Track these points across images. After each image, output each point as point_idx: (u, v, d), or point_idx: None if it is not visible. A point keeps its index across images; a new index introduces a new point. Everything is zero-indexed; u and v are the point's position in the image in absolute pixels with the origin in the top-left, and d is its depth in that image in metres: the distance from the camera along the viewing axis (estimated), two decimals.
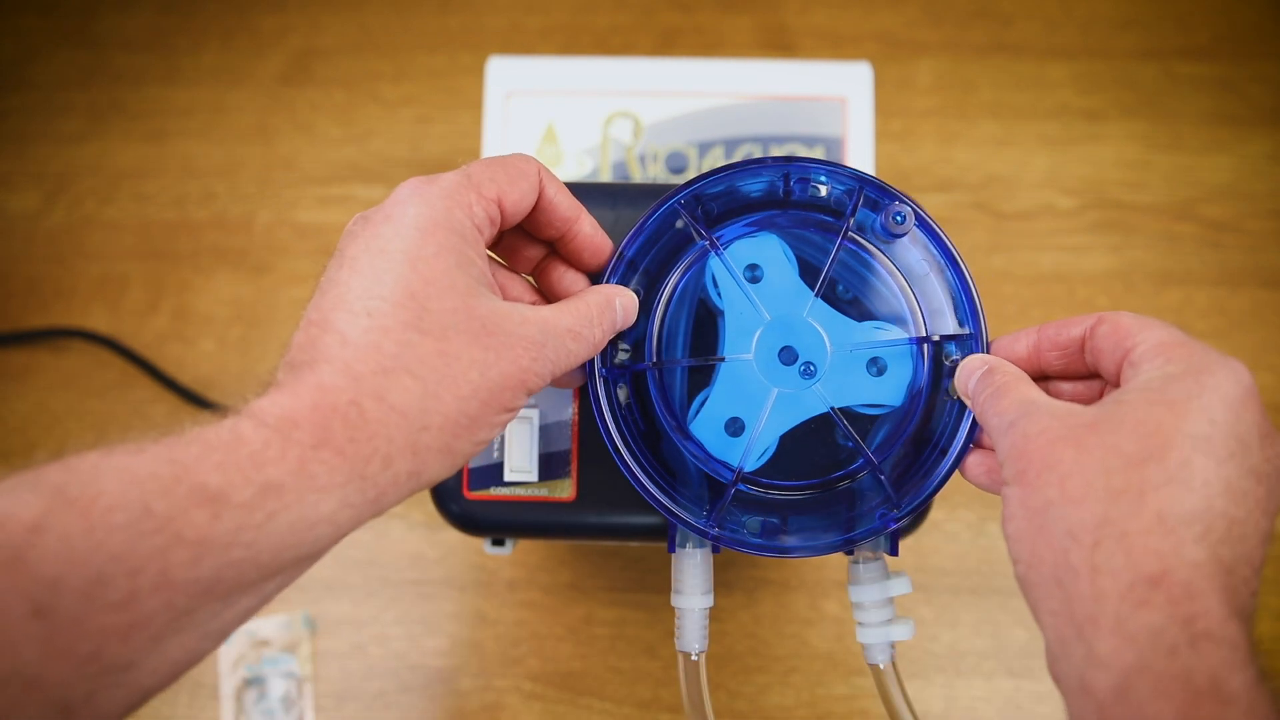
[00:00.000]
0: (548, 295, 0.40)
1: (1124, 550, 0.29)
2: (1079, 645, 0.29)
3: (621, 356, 0.40)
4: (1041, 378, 0.38)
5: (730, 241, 0.40)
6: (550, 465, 0.45)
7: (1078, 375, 0.37)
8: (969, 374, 0.37)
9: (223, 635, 0.29)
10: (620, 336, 0.40)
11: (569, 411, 0.44)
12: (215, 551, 0.27)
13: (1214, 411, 0.31)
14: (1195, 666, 0.27)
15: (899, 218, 0.39)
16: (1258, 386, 0.33)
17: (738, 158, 0.61)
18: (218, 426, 0.28)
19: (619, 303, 0.38)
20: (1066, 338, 0.36)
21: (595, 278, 0.40)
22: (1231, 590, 0.28)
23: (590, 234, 0.39)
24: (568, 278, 0.40)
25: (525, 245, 0.40)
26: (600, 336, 0.37)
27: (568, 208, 0.38)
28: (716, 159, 0.61)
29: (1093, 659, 0.29)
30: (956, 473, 0.39)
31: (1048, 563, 0.30)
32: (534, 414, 0.44)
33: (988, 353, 0.39)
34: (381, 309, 0.31)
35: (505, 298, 0.37)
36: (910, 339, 0.40)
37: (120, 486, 0.26)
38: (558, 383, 0.39)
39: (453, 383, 0.31)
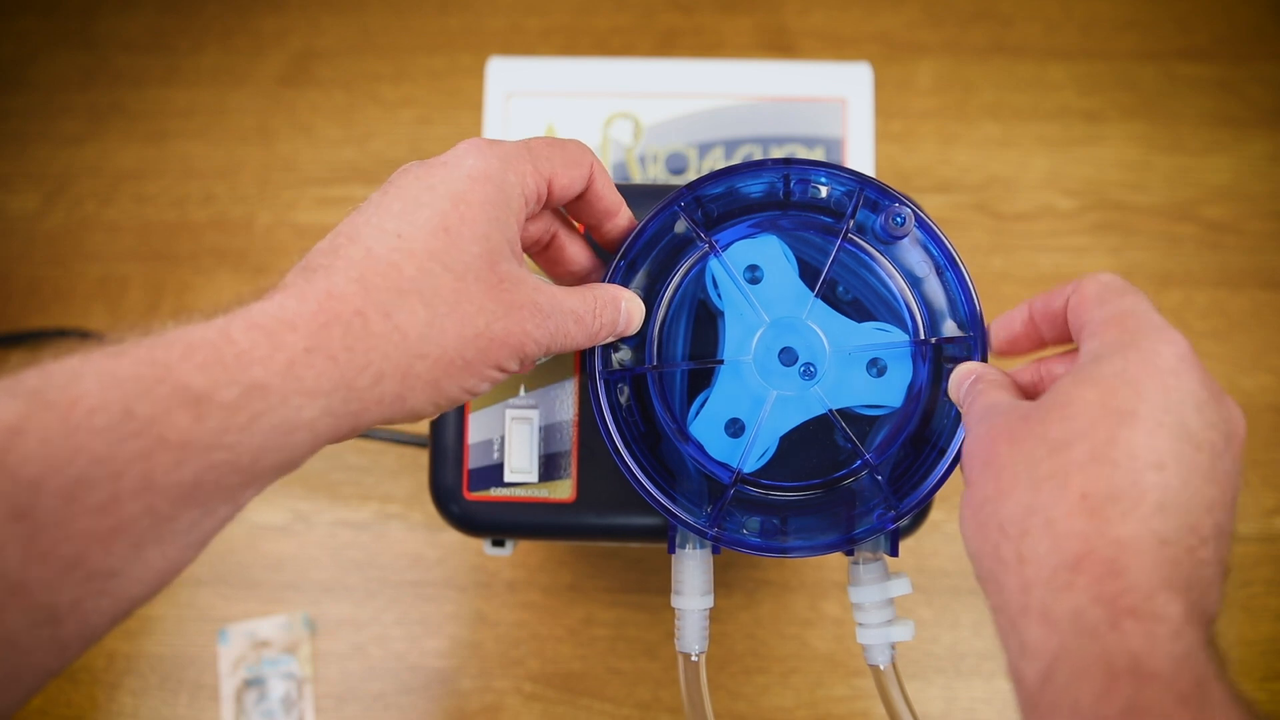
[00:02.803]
0: (551, 266, 0.41)
1: (1049, 536, 0.28)
2: (1013, 637, 0.29)
3: (622, 358, 0.40)
4: (1043, 346, 0.38)
5: (730, 243, 0.40)
6: (550, 466, 0.45)
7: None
8: (959, 383, 0.38)
9: (201, 545, 0.29)
10: (621, 339, 0.40)
11: (569, 412, 0.44)
12: (198, 454, 0.27)
13: (1140, 384, 0.30)
14: (1115, 646, 0.26)
15: (899, 219, 0.39)
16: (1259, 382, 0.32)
17: (738, 159, 0.61)
18: (205, 326, 0.28)
19: (624, 305, 0.38)
20: (1054, 310, 0.36)
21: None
22: (1169, 562, 0.28)
23: (626, 230, 0.40)
24: (576, 253, 0.41)
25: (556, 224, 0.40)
26: (599, 329, 0.37)
27: (611, 202, 0.39)
28: (716, 160, 0.61)
29: (1024, 650, 0.28)
30: (955, 474, 0.39)
31: (986, 558, 0.30)
32: (534, 414, 0.44)
33: (987, 343, 0.39)
34: (413, 233, 0.31)
35: None
36: (910, 340, 0.40)
37: (100, 388, 0.26)
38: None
39: (459, 321, 0.32)
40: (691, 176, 0.60)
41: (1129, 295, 0.33)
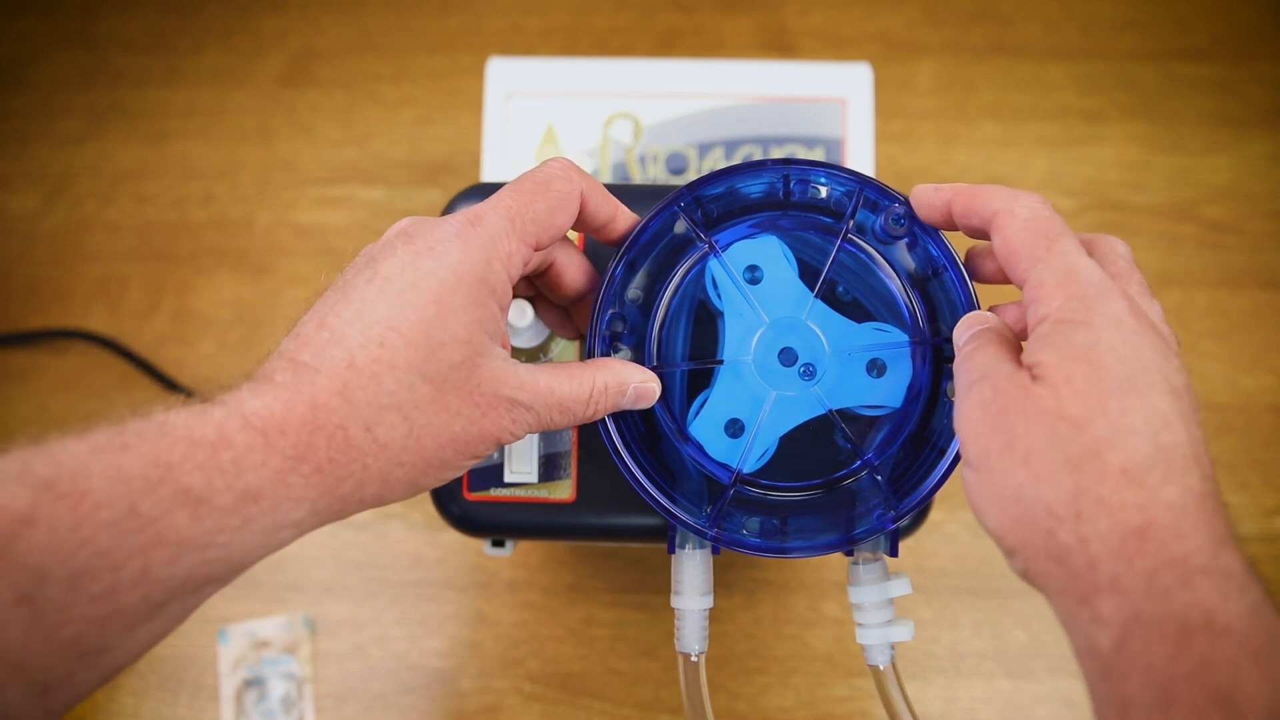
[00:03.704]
0: (552, 279, 0.40)
1: (1106, 513, 0.29)
2: (1084, 613, 0.30)
3: (622, 359, 0.40)
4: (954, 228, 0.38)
5: (730, 243, 0.40)
6: (550, 466, 0.45)
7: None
8: (965, 327, 0.37)
9: (185, 618, 0.31)
10: (621, 339, 0.40)
11: None
12: (193, 551, 0.28)
13: (1119, 350, 0.31)
14: (1189, 603, 0.27)
15: (898, 219, 0.39)
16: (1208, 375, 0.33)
17: (738, 159, 0.61)
18: (204, 423, 0.29)
19: (632, 390, 0.38)
20: (973, 224, 0.37)
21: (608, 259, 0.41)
22: (1213, 515, 0.29)
23: (625, 232, 0.40)
24: (573, 277, 0.40)
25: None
26: (592, 416, 0.38)
27: (605, 214, 0.39)
28: (716, 160, 0.61)
29: (1096, 620, 0.29)
30: (955, 474, 0.39)
31: (1038, 545, 0.31)
32: None
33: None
34: (395, 343, 0.32)
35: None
36: (909, 340, 0.40)
37: (107, 484, 0.27)
38: None
39: (437, 430, 0.33)
40: (691, 176, 0.60)
41: (1057, 243, 0.34)
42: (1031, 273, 0.34)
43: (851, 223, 0.40)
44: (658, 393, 0.39)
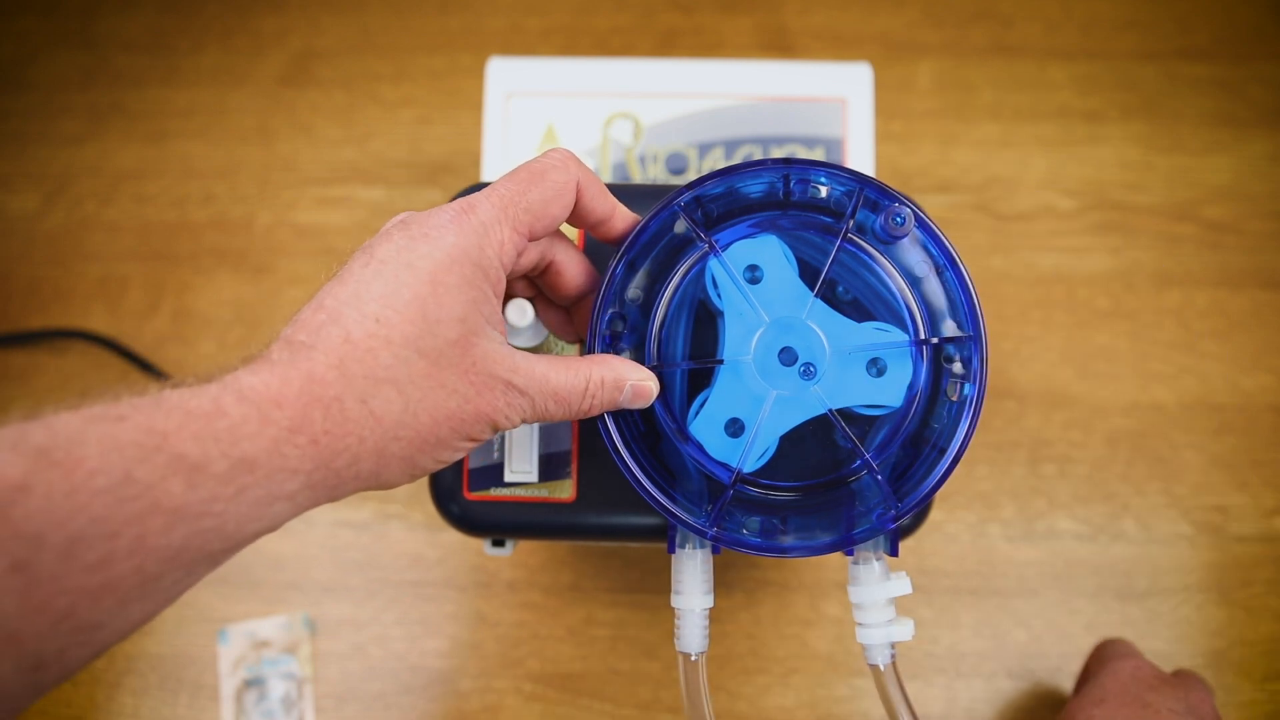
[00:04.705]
0: (552, 278, 0.41)
1: None
2: None
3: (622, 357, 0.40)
4: None
5: (730, 243, 0.40)
6: (550, 466, 0.45)
7: None
8: None
9: (177, 598, 0.30)
10: (620, 339, 0.40)
11: None
12: (188, 520, 0.28)
13: (1106, 685, 0.49)
14: None
15: (899, 219, 0.39)
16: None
17: (738, 159, 0.61)
18: (199, 396, 0.29)
19: (629, 387, 0.38)
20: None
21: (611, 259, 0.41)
22: None
23: (623, 232, 0.40)
24: (572, 275, 0.40)
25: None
26: (589, 410, 0.38)
27: (603, 211, 0.39)
28: (716, 160, 0.61)
29: None
30: (956, 473, 0.39)
31: None
32: None
33: (986, 344, 0.39)
34: (391, 319, 0.32)
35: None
36: (909, 340, 0.40)
37: (102, 452, 0.27)
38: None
39: (432, 405, 0.33)
40: (691, 176, 0.60)
41: (1108, 645, 0.55)
42: (1092, 662, 0.56)
43: (851, 222, 0.40)
44: (655, 391, 0.39)
